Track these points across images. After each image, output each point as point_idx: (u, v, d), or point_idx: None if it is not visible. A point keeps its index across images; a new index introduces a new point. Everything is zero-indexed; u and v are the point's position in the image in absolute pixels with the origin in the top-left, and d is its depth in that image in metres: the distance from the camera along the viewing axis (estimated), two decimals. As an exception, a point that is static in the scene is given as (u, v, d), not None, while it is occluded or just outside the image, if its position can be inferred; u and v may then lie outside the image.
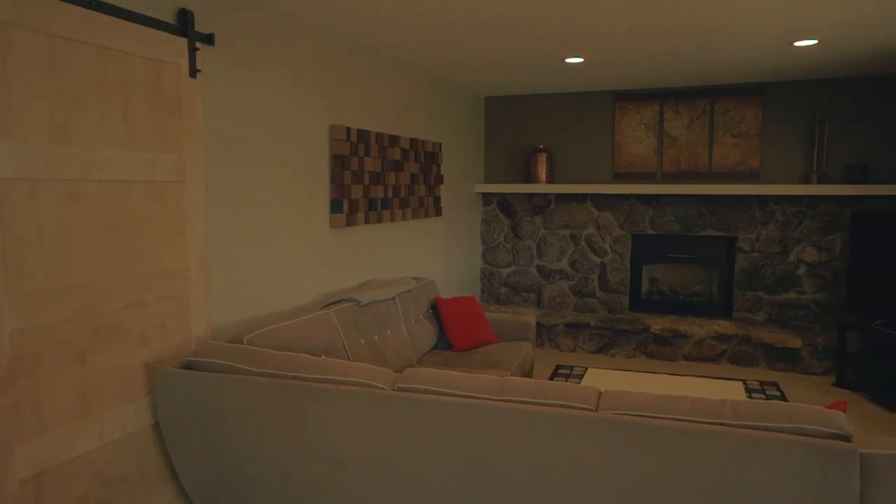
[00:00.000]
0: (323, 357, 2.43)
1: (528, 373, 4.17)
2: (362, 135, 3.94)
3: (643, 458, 1.86)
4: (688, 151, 5.53)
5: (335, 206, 3.73)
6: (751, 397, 4.23)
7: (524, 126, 6.06)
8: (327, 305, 3.43)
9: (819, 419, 1.80)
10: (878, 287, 4.44)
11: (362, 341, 3.39)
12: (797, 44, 3.89)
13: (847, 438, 1.76)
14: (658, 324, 5.38)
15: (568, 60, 4.42)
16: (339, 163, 3.72)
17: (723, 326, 5.28)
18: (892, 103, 4.93)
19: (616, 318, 5.59)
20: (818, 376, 4.87)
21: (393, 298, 3.87)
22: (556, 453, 1.94)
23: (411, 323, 3.98)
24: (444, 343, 4.26)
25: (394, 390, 2.18)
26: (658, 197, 5.62)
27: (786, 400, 4.26)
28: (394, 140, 4.34)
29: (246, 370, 2.31)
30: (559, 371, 5.00)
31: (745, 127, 5.34)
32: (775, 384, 4.68)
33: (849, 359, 4.68)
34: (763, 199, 5.29)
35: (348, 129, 3.78)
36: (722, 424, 1.85)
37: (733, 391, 3.45)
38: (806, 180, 5.16)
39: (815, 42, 3.84)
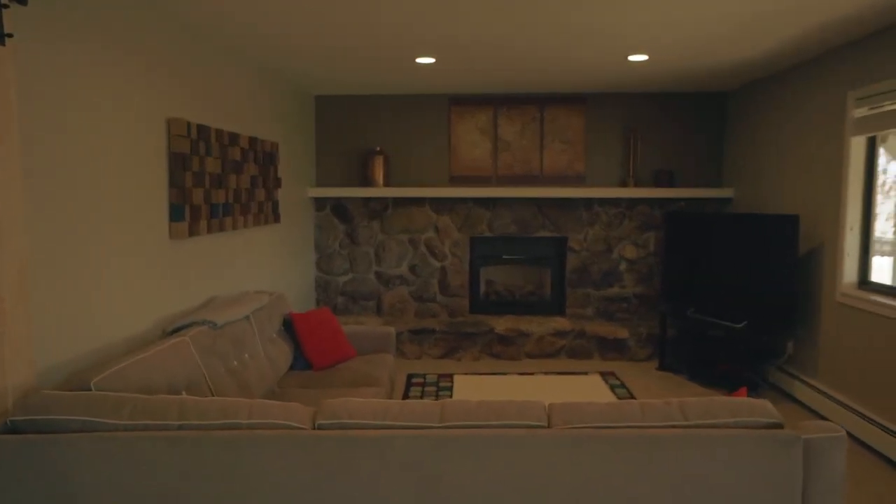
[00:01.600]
0: (210, 397, 1.98)
1: (395, 387, 3.95)
2: (202, 131, 3.40)
3: (606, 470, 1.77)
4: (521, 156, 5.75)
5: (175, 214, 3.15)
6: (612, 390, 4.48)
7: (359, 128, 5.81)
8: (176, 331, 2.88)
9: (756, 411, 1.87)
10: (688, 279, 5.01)
11: (223, 369, 2.90)
12: (631, 58, 4.20)
13: (780, 425, 1.86)
14: (501, 324, 5.50)
15: (419, 61, 4.29)
16: (179, 162, 3.15)
17: (560, 323, 5.57)
18: (691, 117, 5.61)
19: (460, 322, 5.60)
20: (643, 362, 5.35)
21: (247, 317, 3.39)
22: (514, 477, 1.78)
23: (267, 343, 3.53)
24: (302, 362, 3.86)
25: (315, 429, 1.84)
26: (494, 200, 5.75)
27: (626, 388, 4.59)
28: (234, 138, 3.83)
29: (112, 425, 1.78)
30: (413, 381, 4.85)
31: (571, 134, 5.69)
32: (613, 373, 5.03)
33: (668, 344, 5.20)
34: (589, 202, 5.69)
35: (189, 124, 3.22)
36: (674, 427, 1.84)
37: (595, 384, 3.63)
38: (624, 184, 5.65)
39: (645, 58, 4.18)
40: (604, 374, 4.98)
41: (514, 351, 5.47)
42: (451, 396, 4.01)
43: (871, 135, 3.71)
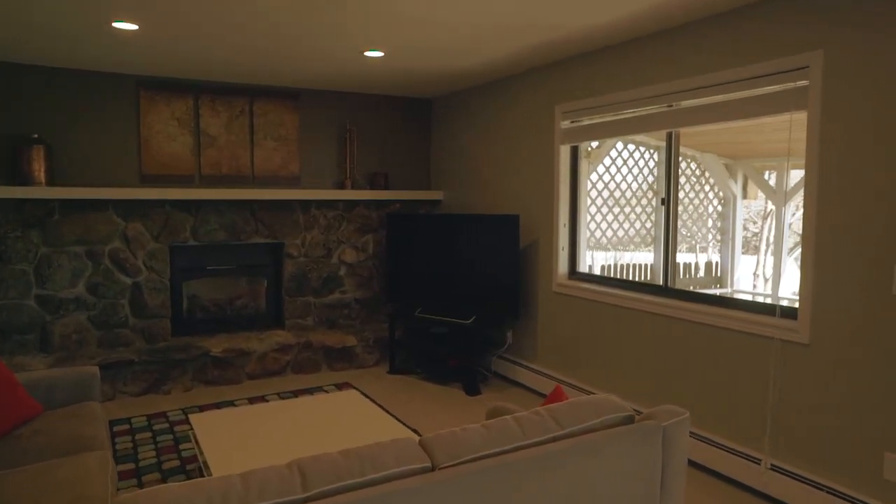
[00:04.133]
0: None
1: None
2: None
3: (508, 498, 1.56)
4: (229, 153, 5.08)
5: None
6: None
7: (8, 108, 4.39)
8: None
9: (613, 407, 1.88)
10: (413, 279, 5.09)
11: None
12: (367, 54, 4.04)
13: (632, 417, 1.90)
14: (216, 345, 4.78)
15: (117, 25, 3.40)
16: None
17: (282, 336, 5.10)
18: (403, 120, 5.71)
19: (163, 348, 4.69)
20: (373, 368, 5.25)
21: None
22: (412, 541, 1.43)
23: None
24: (-40, 435, 2.68)
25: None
26: (199, 203, 4.97)
27: (366, 396, 4.42)
28: None
29: None
30: (116, 429, 3.86)
31: (284, 131, 5.26)
32: (347, 384, 4.80)
33: (398, 347, 5.21)
34: (306, 204, 5.34)
35: None
36: (556, 438, 1.73)
37: (353, 400, 3.36)
38: (341, 186, 5.46)
39: (381, 54, 4.07)
40: (340, 387, 4.72)
41: (233, 374, 4.81)
42: (193, 442, 3.26)
43: (574, 144, 4.26)
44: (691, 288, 4.90)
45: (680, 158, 5.90)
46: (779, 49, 2.84)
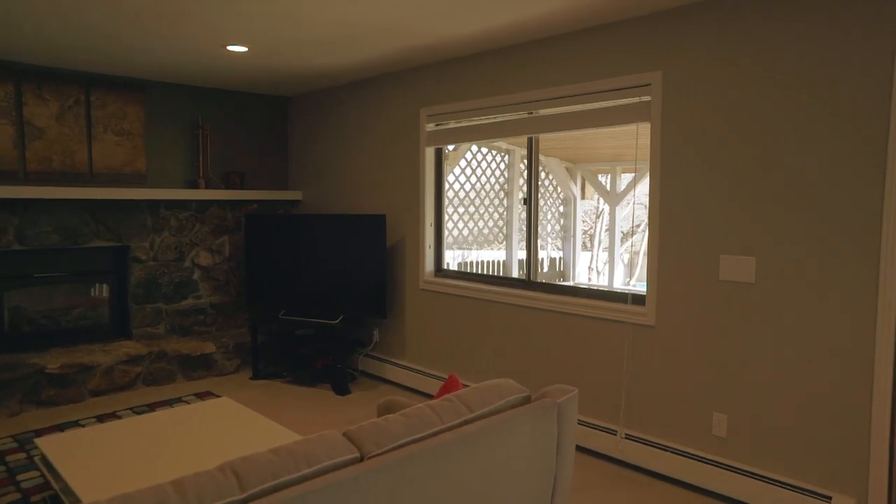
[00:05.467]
0: None
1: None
2: None
3: (433, 482, 1.65)
4: (61, 147, 4.58)
5: None
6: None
7: None
8: None
9: (513, 389, 2.05)
10: (276, 281, 4.96)
11: None
12: (230, 48, 3.88)
13: (529, 397, 2.08)
14: (52, 361, 4.29)
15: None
16: None
17: (131, 347, 4.71)
18: (262, 119, 5.52)
19: (-15, 368, 4.12)
20: (234, 375, 5.03)
21: None
22: (351, 530, 1.47)
23: None
24: None
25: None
26: (25, 202, 4.42)
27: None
28: None
29: None
30: (-68, 464, 3.33)
31: (128, 125, 4.85)
32: (209, 392, 4.57)
33: (261, 351, 5.04)
34: (154, 205, 4.97)
35: None
36: (468, 421, 1.85)
37: (226, 408, 3.19)
38: (194, 185, 5.16)
39: (245, 49, 3.93)
40: (202, 396, 4.48)
41: (74, 392, 4.35)
42: (42, 469, 2.90)
43: (439, 147, 4.44)
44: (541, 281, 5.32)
45: (526, 161, 6.34)
46: (627, 67, 3.23)
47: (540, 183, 6.52)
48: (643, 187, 6.65)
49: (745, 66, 2.82)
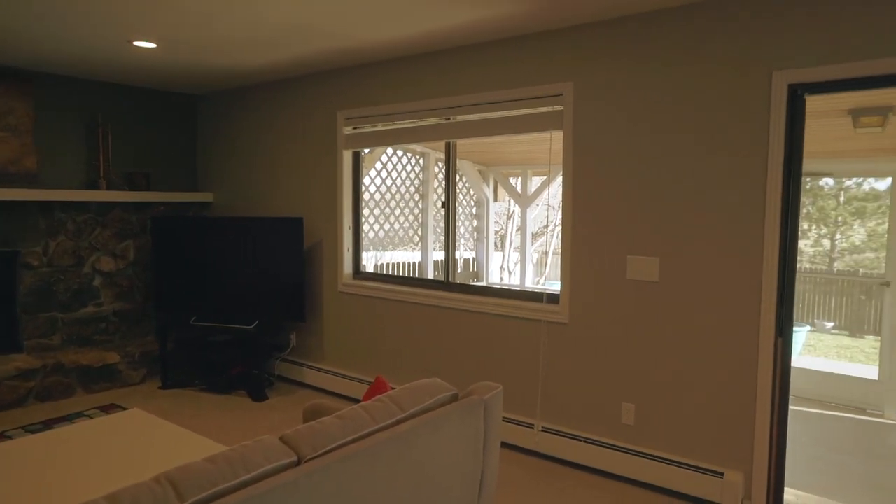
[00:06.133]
0: None
1: None
2: None
3: (371, 483, 1.69)
4: (-60, 144, 4.20)
5: None
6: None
7: None
8: None
9: (441, 388, 2.12)
10: (185, 287, 4.78)
11: None
12: (137, 44, 3.72)
13: (457, 395, 2.16)
14: (-68, 378, 3.93)
15: None
16: None
17: (22, 360, 4.39)
18: (166, 117, 5.28)
19: None
20: (140, 385, 4.79)
21: None
22: (291, 533, 1.48)
23: None
24: None
25: None
26: None
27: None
28: None
29: None
30: None
31: (14, 120, 4.51)
32: (114, 405, 4.34)
33: (170, 360, 4.83)
34: (48, 206, 4.65)
35: None
36: (400, 422, 1.90)
37: (138, 418, 3.05)
38: (94, 185, 4.87)
39: (154, 46, 3.78)
40: (106, 409, 4.24)
41: (-42, 410, 4.01)
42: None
43: (357, 150, 4.45)
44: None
45: (441, 164, 6.45)
46: (542, 77, 3.39)
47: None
48: (553, 190, 6.94)
49: (647, 79, 3.04)
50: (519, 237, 7.11)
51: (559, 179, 3.51)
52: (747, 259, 2.82)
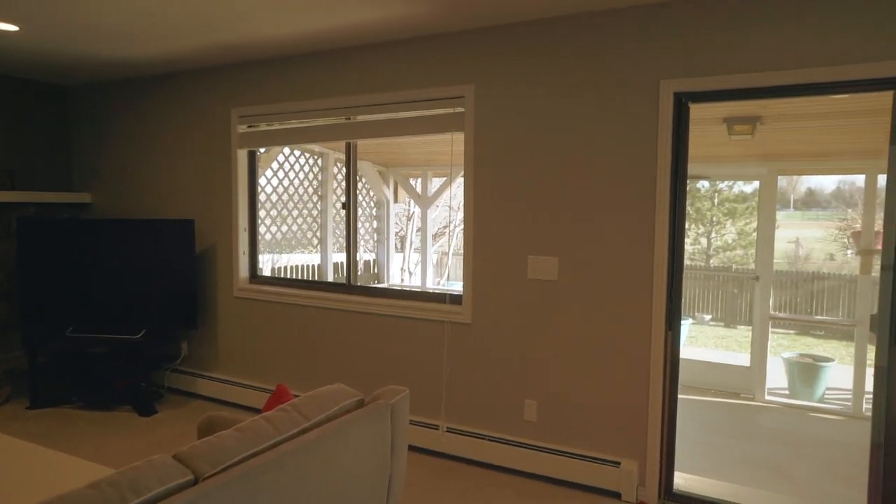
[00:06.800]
0: None
1: None
2: None
3: (271, 498, 1.61)
4: None
5: None
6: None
7: None
8: None
9: (347, 394, 2.06)
10: (59, 295, 4.38)
11: None
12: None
13: (363, 400, 2.12)
14: None
15: None
16: None
17: None
18: (36, 109, 4.81)
19: None
20: (5, 406, 4.33)
21: None
22: (188, 558, 1.38)
23: None
24: None
25: None
26: None
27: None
28: None
29: None
30: None
31: None
32: (-25, 429, 3.89)
33: (42, 375, 4.40)
34: None
35: None
36: (304, 431, 1.83)
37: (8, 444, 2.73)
38: (-52, 185, 4.35)
39: (16, 29, 3.43)
40: (-34, 434, 3.79)
41: None
42: None
43: (252, 149, 4.26)
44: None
45: (340, 165, 6.34)
46: (444, 79, 3.40)
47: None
48: (453, 191, 7.01)
49: (545, 84, 3.13)
50: (419, 238, 7.13)
51: (460, 180, 3.54)
52: (640, 257, 2.97)
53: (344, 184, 4.70)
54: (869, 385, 4.49)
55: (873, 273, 4.79)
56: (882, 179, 4.98)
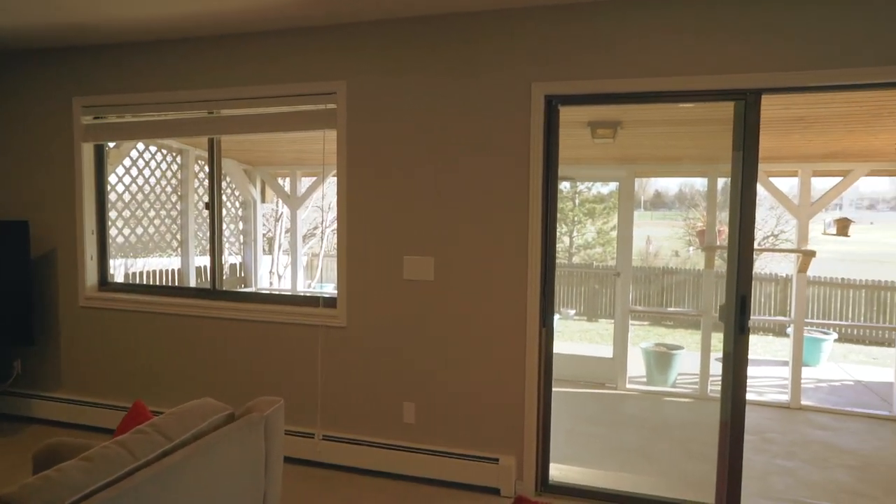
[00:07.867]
0: None
1: None
2: None
3: (130, 534, 1.43)
4: None
5: None
6: None
7: None
8: None
9: (215, 409, 1.90)
10: None
11: None
12: None
13: (233, 414, 1.96)
14: None
15: None
16: None
17: None
18: None
19: None
20: None
21: None
22: None
23: None
24: None
25: None
26: None
27: None
28: None
29: None
30: None
31: None
32: None
33: None
34: None
35: None
36: (166, 453, 1.65)
37: None
38: None
39: None
40: None
41: None
42: None
43: (99, 143, 3.85)
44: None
45: (202, 162, 5.96)
46: (315, 74, 3.26)
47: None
48: (325, 191, 6.81)
49: (419, 82, 3.10)
50: (288, 240, 6.85)
51: (332, 179, 3.42)
52: (514, 255, 3.03)
53: (207, 182, 4.39)
54: (713, 369, 4.94)
55: (716, 268, 5.28)
56: (721, 182, 5.51)
